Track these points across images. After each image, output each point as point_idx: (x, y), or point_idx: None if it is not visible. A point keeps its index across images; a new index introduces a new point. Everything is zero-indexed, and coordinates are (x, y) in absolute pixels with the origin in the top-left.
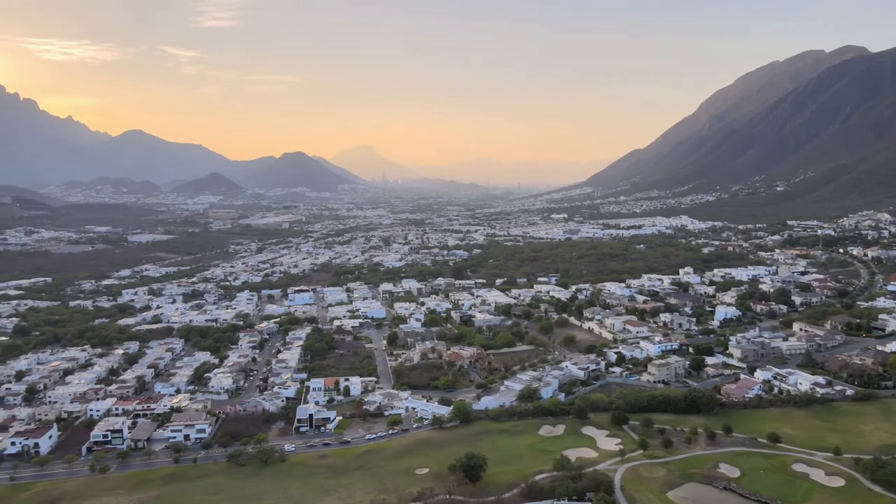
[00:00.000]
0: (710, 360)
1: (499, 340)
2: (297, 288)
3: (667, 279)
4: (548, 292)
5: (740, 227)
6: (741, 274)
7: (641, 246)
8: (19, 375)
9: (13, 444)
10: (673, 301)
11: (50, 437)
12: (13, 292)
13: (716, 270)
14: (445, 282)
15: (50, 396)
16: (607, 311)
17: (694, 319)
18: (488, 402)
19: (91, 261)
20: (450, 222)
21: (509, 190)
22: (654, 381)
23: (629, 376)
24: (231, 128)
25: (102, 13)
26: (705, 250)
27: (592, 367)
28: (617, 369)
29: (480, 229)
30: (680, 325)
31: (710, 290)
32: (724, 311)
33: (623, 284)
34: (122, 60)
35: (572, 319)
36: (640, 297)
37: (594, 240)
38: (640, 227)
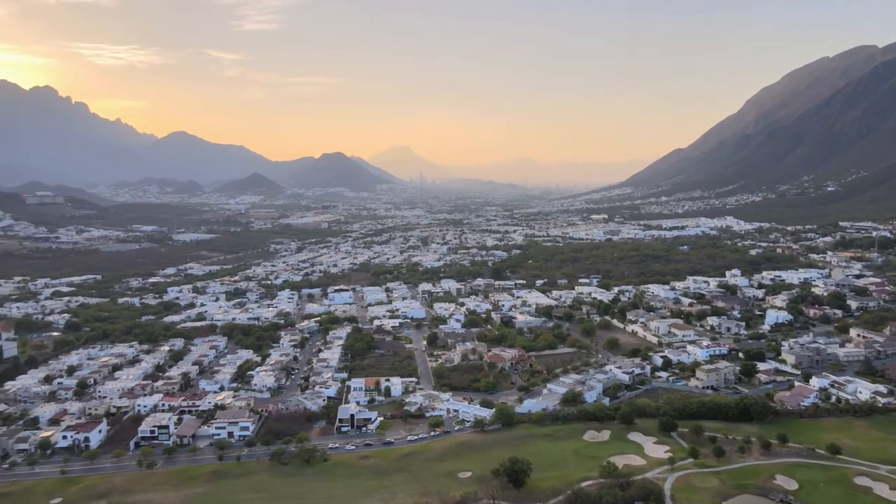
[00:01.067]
0: (761, 365)
1: (540, 342)
2: (336, 287)
3: (713, 281)
4: (589, 294)
5: (789, 228)
6: (792, 277)
7: (685, 247)
8: (70, 370)
9: (64, 437)
10: (720, 304)
11: (100, 431)
12: (65, 289)
13: (764, 273)
14: (485, 282)
15: (99, 391)
16: (651, 313)
17: (743, 323)
18: (531, 405)
19: (138, 259)
20: (488, 222)
21: (547, 190)
22: (703, 387)
23: (676, 381)
24: (271, 129)
25: (150, 19)
26: (753, 252)
27: (637, 370)
28: (663, 374)
29: (519, 229)
30: (728, 329)
31: (760, 293)
32: (775, 315)
33: (667, 286)
34: (168, 64)
35: (615, 322)
36: (686, 300)
37: (636, 241)
38: (682, 227)
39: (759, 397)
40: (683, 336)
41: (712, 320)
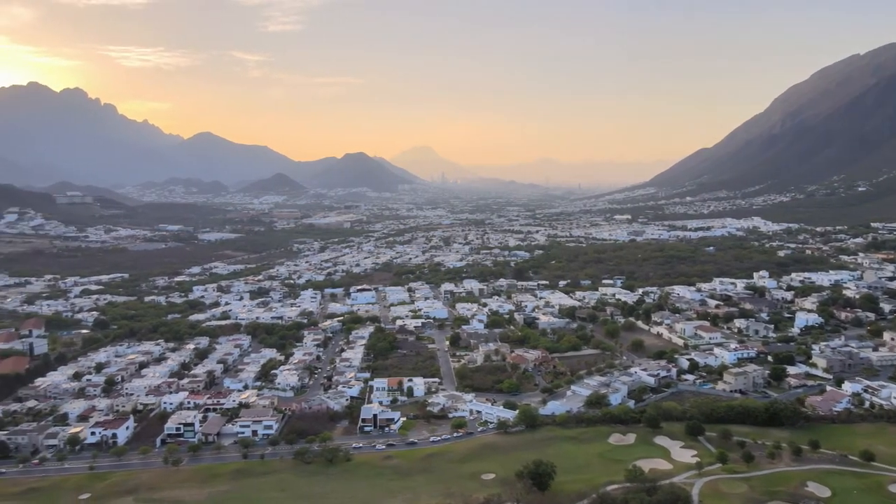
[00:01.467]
0: (791, 369)
1: (563, 344)
2: (359, 287)
3: (740, 283)
4: (613, 295)
5: (818, 229)
6: (822, 279)
7: (711, 248)
8: (99, 367)
9: (93, 433)
10: (748, 306)
11: (127, 428)
12: (94, 287)
13: (793, 275)
14: (507, 283)
15: (127, 388)
16: (677, 315)
17: (772, 326)
18: (555, 407)
19: (164, 258)
20: (510, 223)
21: (570, 190)
22: (731, 391)
23: (703, 384)
24: (295, 129)
25: (176, 21)
26: (781, 253)
27: (663, 373)
28: (689, 377)
29: (541, 230)
30: (756, 331)
31: (788, 295)
32: (805, 317)
33: (693, 288)
34: (193, 66)
35: (640, 323)
36: (712, 302)
37: (660, 241)
38: (708, 228)
39: (790, 402)
40: (710, 338)
41: (740, 323)
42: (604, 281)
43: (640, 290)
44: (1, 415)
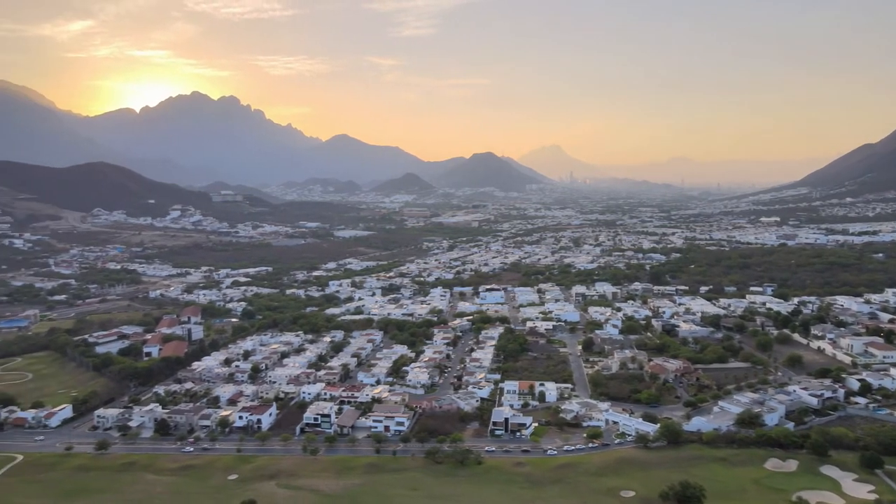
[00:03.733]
0: None
1: (708, 354)
2: (488, 286)
3: None
4: (763, 304)
5: None
6: None
7: (880, 255)
8: (246, 355)
9: (240, 417)
10: None
11: (270, 414)
12: (242, 279)
13: None
14: (642, 287)
15: (270, 376)
16: (842, 329)
17: None
18: (700, 423)
19: (303, 253)
20: (643, 224)
21: (707, 190)
22: None
23: (877, 409)
24: (425, 130)
25: (317, 30)
26: None
27: (828, 394)
28: (861, 400)
29: (677, 232)
30: None
31: None
32: None
33: (860, 299)
34: (332, 72)
35: (796, 336)
36: (885, 315)
37: (816, 246)
38: (875, 232)
39: None
40: (884, 357)
41: None
42: (751, 288)
43: (796, 300)
44: (163, 394)
